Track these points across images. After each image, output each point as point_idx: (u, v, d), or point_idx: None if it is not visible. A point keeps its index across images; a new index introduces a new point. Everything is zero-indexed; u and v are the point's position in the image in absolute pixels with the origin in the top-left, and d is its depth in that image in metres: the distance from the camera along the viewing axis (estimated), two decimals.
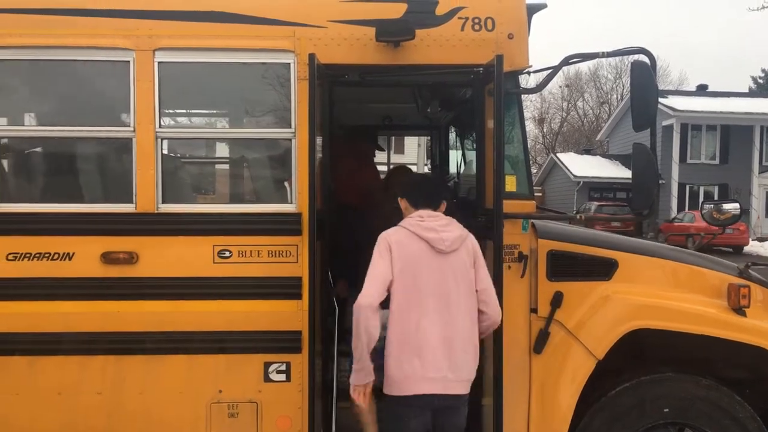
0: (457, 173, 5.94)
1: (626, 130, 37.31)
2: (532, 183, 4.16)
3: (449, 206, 3.60)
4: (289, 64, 3.82)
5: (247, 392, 3.78)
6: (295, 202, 3.81)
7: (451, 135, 6.31)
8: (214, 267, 3.76)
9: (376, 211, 4.60)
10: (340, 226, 4.49)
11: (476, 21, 3.84)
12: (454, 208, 5.05)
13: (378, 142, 6.10)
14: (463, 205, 4.83)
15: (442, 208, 3.51)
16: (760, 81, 52.93)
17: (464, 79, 4.07)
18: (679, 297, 4.02)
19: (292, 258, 3.78)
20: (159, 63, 3.76)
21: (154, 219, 3.76)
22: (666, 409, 3.90)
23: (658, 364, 4.06)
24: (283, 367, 3.79)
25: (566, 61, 3.88)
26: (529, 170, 4.07)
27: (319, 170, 3.76)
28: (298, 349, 3.76)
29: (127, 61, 3.74)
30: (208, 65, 3.93)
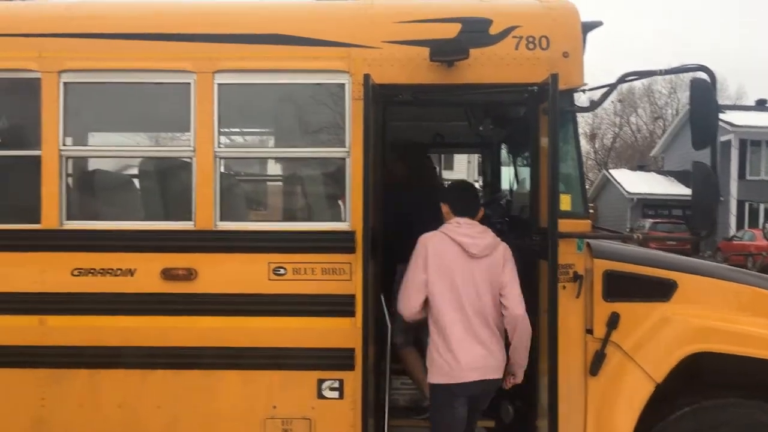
0: (510, 191, 5.90)
1: (683, 145, 36.47)
2: (587, 202, 4.12)
3: (502, 224, 3.62)
4: (344, 84, 3.88)
5: (301, 409, 3.82)
6: (349, 220, 3.85)
7: (503, 152, 6.29)
8: (269, 284, 3.82)
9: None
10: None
11: (531, 40, 3.83)
12: (507, 226, 5.03)
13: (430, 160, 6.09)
14: (516, 223, 4.79)
15: (479, 216, 3.77)
16: None
17: (518, 98, 4.06)
18: (742, 320, 3.90)
19: (345, 276, 3.81)
20: (218, 85, 3.87)
21: (213, 236, 3.85)
22: None
23: (718, 389, 3.93)
24: (337, 385, 3.82)
25: (622, 79, 3.84)
26: (584, 189, 4.03)
27: (372, 188, 3.79)
28: (351, 367, 3.78)
29: (188, 83, 3.86)
30: (265, 86, 4.03)
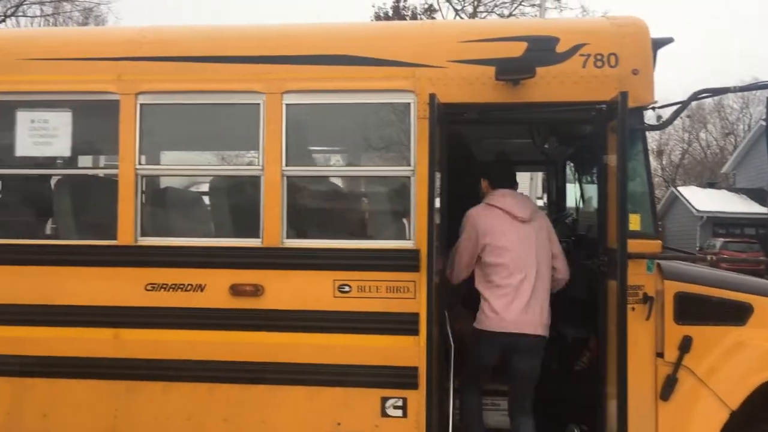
0: (576, 209, 5.81)
1: (756, 162, 35.12)
2: (657, 221, 4.02)
3: (568, 243, 3.62)
4: (409, 103, 3.92)
5: (364, 426, 3.83)
6: (413, 238, 3.86)
7: (568, 170, 6.20)
8: (334, 301, 3.86)
9: None
10: None
11: (599, 57, 3.79)
12: (572, 245, 4.95)
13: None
14: (583, 243, 4.71)
15: (517, 188, 4.17)
16: None
17: (585, 116, 4.01)
18: None
19: (409, 294, 3.82)
20: (286, 105, 3.95)
21: (279, 253, 3.92)
22: None
23: None
24: (400, 403, 3.81)
25: (694, 97, 3.76)
26: (654, 208, 3.94)
27: (437, 207, 3.80)
28: (414, 385, 3.78)
29: (258, 104, 3.96)
30: (331, 106, 4.11)
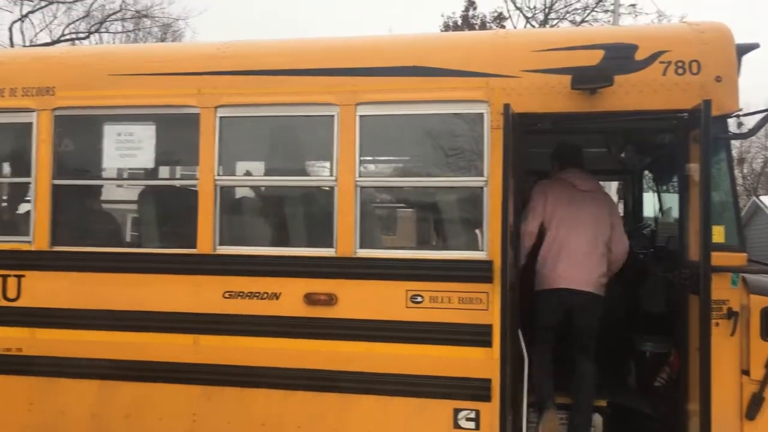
0: (654, 220, 5.64)
1: None
2: (743, 233, 3.86)
3: (646, 255, 3.50)
4: (482, 113, 3.89)
5: None
6: (487, 249, 3.83)
7: (645, 179, 6.03)
8: (406, 311, 3.86)
9: None
10: None
11: (680, 64, 3.68)
12: (651, 257, 4.81)
13: None
14: (662, 254, 4.58)
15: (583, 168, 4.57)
16: None
17: (665, 125, 3.90)
18: None
19: (482, 305, 3.79)
20: (360, 116, 3.99)
21: (353, 263, 3.96)
22: None
23: None
24: (473, 415, 3.78)
25: None
26: (739, 219, 3.79)
27: (511, 218, 3.76)
28: (487, 398, 3.74)
29: (332, 116, 4.02)
30: (404, 117, 4.12)
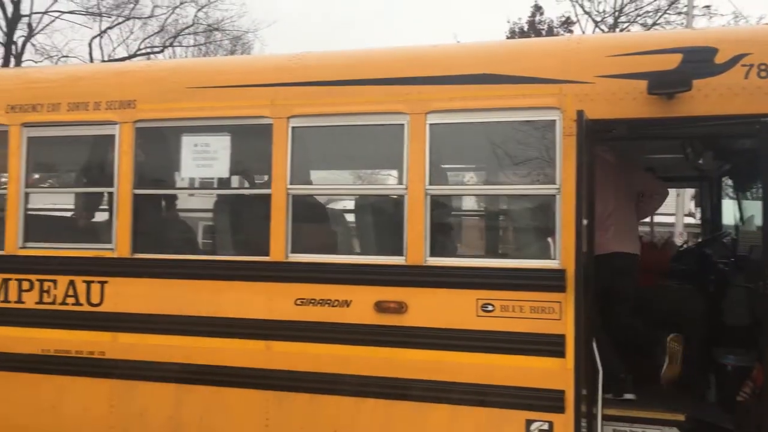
0: (735, 228, 5.43)
1: None
2: None
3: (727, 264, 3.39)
4: (554, 120, 3.84)
5: None
6: (559, 257, 3.77)
7: (724, 186, 5.83)
8: (477, 320, 3.83)
9: None
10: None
11: (763, 67, 3.55)
12: (732, 266, 4.63)
13: None
14: (745, 264, 4.40)
15: None
16: None
17: (747, 130, 3.76)
18: None
19: (555, 315, 3.73)
20: (430, 125, 4.00)
21: (423, 271, 3.95)
22: None
23: None
24: (546, 427, 3.72)
25: None
26: None
27: (584, 226, 3.69)
28: (561, 409, 3.67)
29: (402, 124, 4.03)
30: (474, 125, 4.10)
